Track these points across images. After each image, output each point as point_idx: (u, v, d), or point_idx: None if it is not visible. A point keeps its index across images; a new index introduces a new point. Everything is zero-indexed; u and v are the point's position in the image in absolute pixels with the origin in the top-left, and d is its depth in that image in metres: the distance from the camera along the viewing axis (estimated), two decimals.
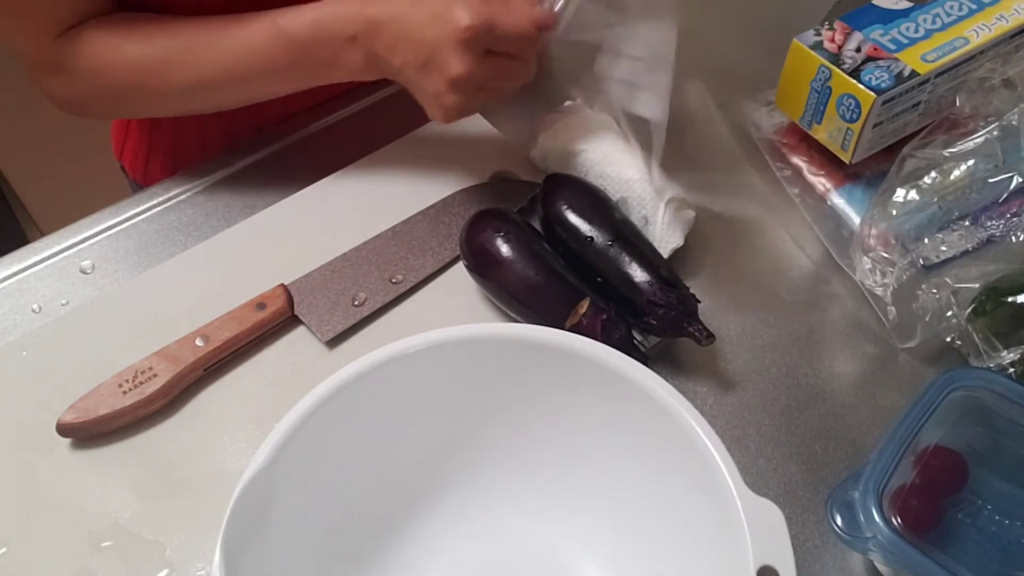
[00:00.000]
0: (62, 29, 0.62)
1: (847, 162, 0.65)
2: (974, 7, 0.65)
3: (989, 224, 0.61)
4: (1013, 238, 0.59)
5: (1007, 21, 0.64)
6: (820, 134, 0.66)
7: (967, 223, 0.62)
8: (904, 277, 0.58)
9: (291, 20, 0.60)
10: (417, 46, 0.57)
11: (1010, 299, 0.56)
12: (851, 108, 0.61)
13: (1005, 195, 0.61)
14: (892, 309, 0.59)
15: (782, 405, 0.57)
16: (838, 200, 0.66)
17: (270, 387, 0.57)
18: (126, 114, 0.68)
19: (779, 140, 0.70)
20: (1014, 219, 0.61)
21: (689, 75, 0.79)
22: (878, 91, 0.60)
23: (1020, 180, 0.60)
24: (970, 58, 0.63)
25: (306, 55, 0.61)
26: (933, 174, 0.60)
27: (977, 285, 0.57)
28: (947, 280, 0.57)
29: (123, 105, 0.67)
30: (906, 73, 0.61)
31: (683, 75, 0.78)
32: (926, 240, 0.60)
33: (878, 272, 0.59)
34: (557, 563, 0.49)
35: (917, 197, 0.60)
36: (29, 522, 0.51)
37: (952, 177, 0.60)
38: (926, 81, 0.62)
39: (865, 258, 0.60)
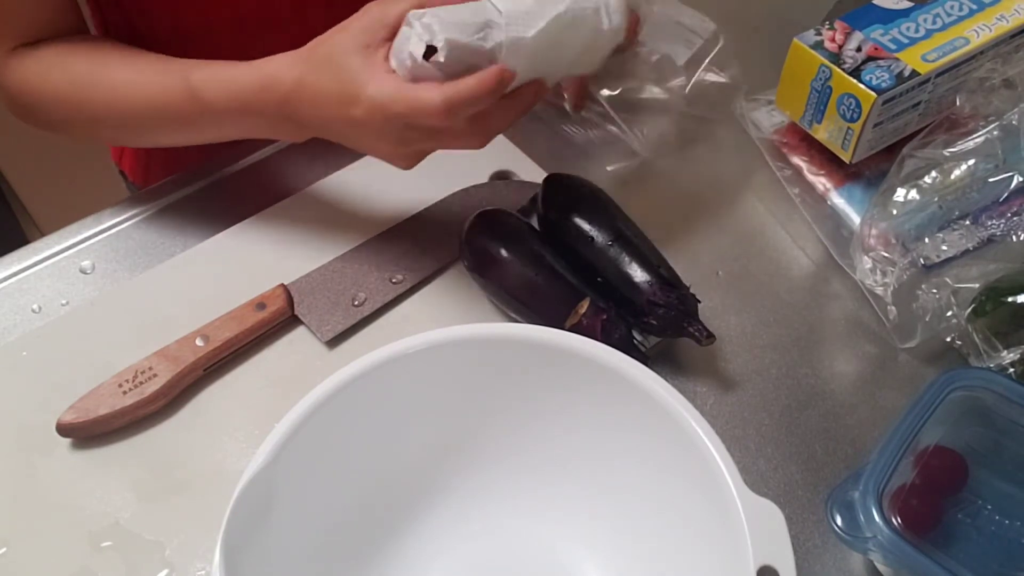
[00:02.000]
0: (21, 43, 0.61)
1: (847, 162, 0.65)
2: (974, 7, 0.65)
3: (989, 224, 0.61)
4: (1013, 238, 0.59)
5: (1007, 21, 0.64)
6: (820, 134, 0.66)
7: (967, 223, 0.62)
8: (904, 277, 0.58)
9: (208, 87, 0.56)
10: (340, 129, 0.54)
11: (1010, 299, 0.56)
12: (851, 108, 0.61)
13: (1005, 195, 0.61)
14: (892, 309, 0.59)
15: (782, 405, 0.57)
16: (838, 200, 0.66)
17: (270, 387, 0.57)
18: (65, 134, 0.65)
19: (779, 140, 0.70)
20: (1014, 219, 0.61)
21: (689, 75, 0.79)
22: (879, 91, 0.60)
23: (1020, 180, 0.60)
24: (970, 58, 0.63)
25: (222, 119, 0.58)
26: (933, 174, 0.60)
27: (977, 285, 0.57)
28: (947, 280, 0.57)
29: (57, 124, 0.64)
30: (907, 73, 0.61)
31: (683, 75, 0.78)
32: (926, 240, 0.60)
33: (878, 272, 0.59)
34: (557, 563, 0.49)
35: (917, 197, 0.60)
36: (29, 522, 0.51)
37: (952, 177, 0.60)
38: (927, 81, 0.62)
39: (865, 258, 0.60)
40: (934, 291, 0.57)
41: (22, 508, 0.52)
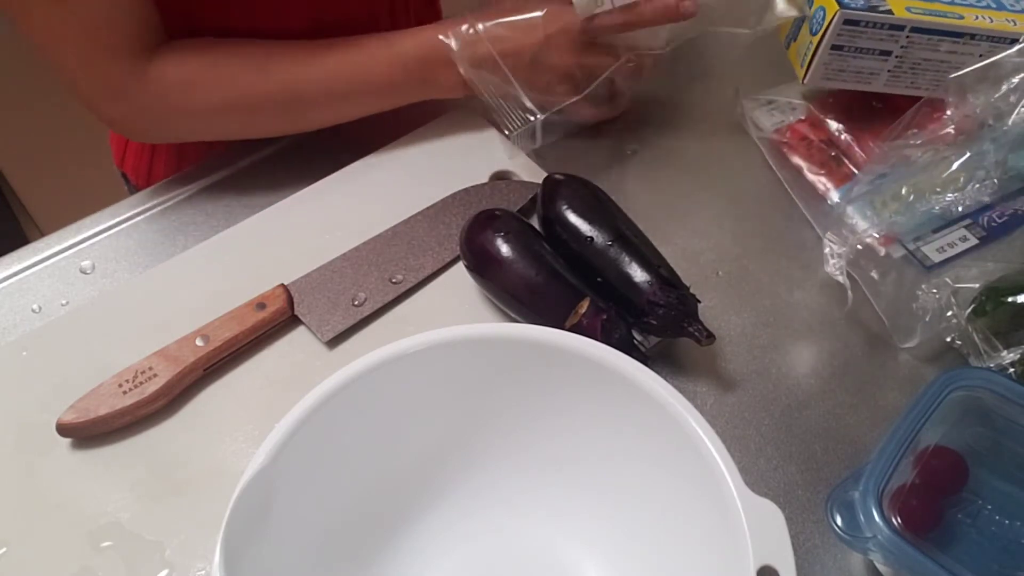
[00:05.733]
0: (137, 50, 0.61)
1: (801, 81, 0.65)
2: (992, 4, 0.64)
3: (989, 224, 0.61)
4: (1013, 238, 0.59)
5: (1014, 24, 0.63)
6: (792, 52, 0.66)
7: (967, 223, 0.62)
8: (853, 254, 0.58)
9: (394, 41, 0.65)
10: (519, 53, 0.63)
11: (1010, 299, 0.56)
12: (819, 20, 0.62)
13: (1005, 195, 0.61)
14: (851, 295, 0.59)
15: (782, 405, 0.57)
16: (838, 200, 0.66)
17: (270, 387, 0.57)
18: (206, 134, 0.68)
19: (779, 140, 0.70)
20: (1014, 219, 0.61)
21: (689, 75, 0.79)
22: (845, 7, 0.60)
23: (1020, 180, 0.60)
24: (956, 35, 0.62)
25: (406, 74, 0.66)
26: (922, 173, 0.60)
27: (977, 285, 0.57)
28: (947, 280, 0.57)
29: (207, 121, 0.66)
30: (881, 7, 0.61)
31: (683, 75, 0.79)
32: (926, 240, 0.61)
33: (834, 255, 0.59)
34: (557, 563, 0.49)
35: (887, 190, 0.60)
36: (29, 522, 0.51)
37: (946, 175, 0.60)
38: (900, 28, 0.61)
39: (825, 253, 0.60)
40: (934, 291, 0.57)
41: (22, 508, 0.52)
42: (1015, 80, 0.59)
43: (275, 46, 0.65)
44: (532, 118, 0.65)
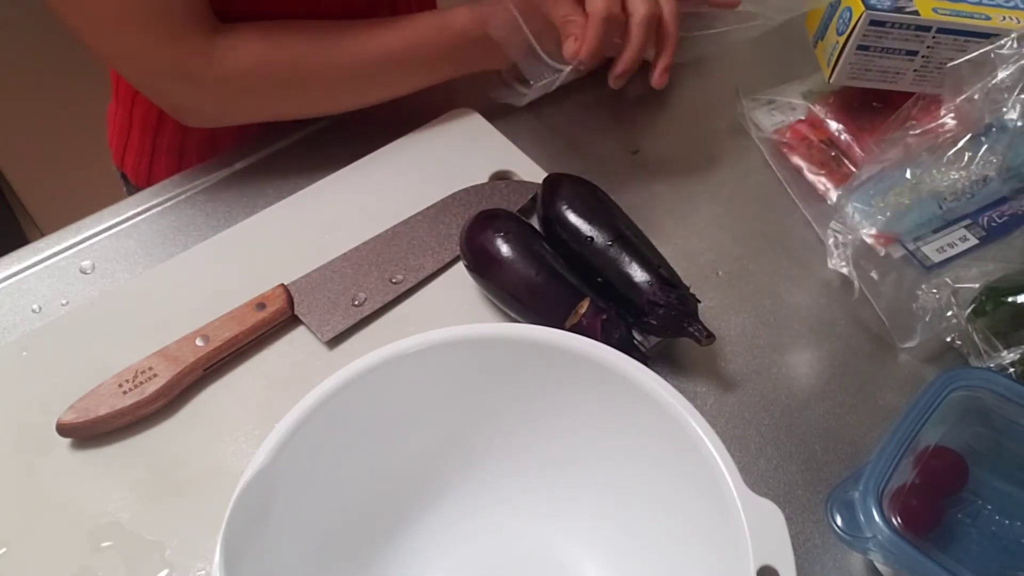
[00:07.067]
0: (200, 31, 0.62)
1: (827, 80, 0.65)
2: (1021, 5, 0.64)
3: (989, 224, 0.61)
4: (1013, 238, 0.59)
5: None
6: (819, 51, 0.66)
7: (967, 223, 0.62)
8: (855, 245, 0.58)
9: (447, 14, 0.67)
10: None
11: (1010, 299, 0.56)
12: (845, 21, 0.62)
13: (1005, 195, 0.61)
14: (857, 284, 0.59)
15: (782, 405, 0.57)
16: (840, 193, 0.66)
17: (270, 387, 0.57)
18: (270, 114, 0.70)
19: (779, 140, 0.70)
20: (1014, 219, 0.61)
21: (689, 75, 0.79)
22: (871, 8, 0.60)
23: (1020, 180, 0.60)
24: (983, 36, 0.62)
25: (468, 44, 0.67)
26: (930, 174, 0.60)
27: (977, 285, 0.57)
28: (947, 280, 0.57)
29: (276, 100, 0.67)
30: (908, 8, 0.61)
31: (683, 75, 0.79)
32: (926, 240, 0.61)
33: (838, 247, 0.59)
34: (557, 563, 0.49)
35: (886, 185, 0.60)
36: (29, 522, 0.51)
37: (945, 157, 0.60)
38: (926, 29, 0.62)
39: (829, 245, 0.60)
40: (934, 291, 0.57)
41: (22, 508, 0.52)
42: (1011, 69, 0.59)
43: (334, 24, 0.66)
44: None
